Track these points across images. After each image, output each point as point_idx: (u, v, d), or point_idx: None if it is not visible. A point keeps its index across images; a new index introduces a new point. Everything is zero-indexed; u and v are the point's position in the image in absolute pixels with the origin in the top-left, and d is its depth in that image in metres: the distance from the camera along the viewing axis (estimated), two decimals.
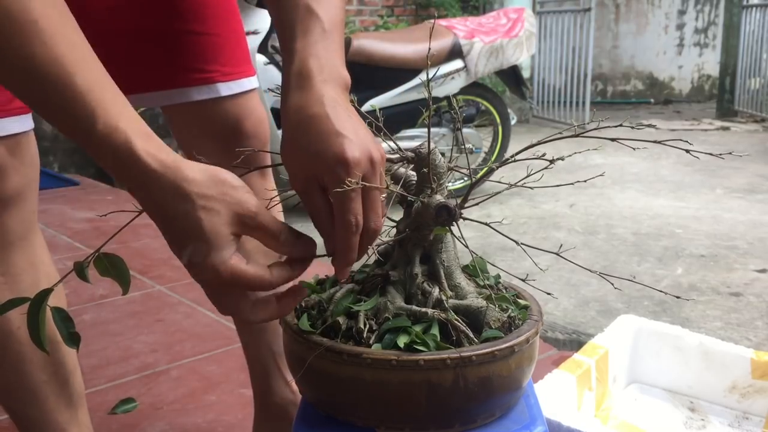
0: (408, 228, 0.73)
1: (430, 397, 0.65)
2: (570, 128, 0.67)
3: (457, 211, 0.69)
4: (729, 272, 2.32)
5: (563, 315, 1.96)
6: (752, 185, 3.64)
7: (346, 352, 0.65)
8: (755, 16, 5.82)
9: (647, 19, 7.33)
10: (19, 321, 0.85)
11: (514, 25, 3.26)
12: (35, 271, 0.88)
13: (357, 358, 0.65)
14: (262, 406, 1.15)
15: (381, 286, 0.73)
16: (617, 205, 3.28)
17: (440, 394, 0.65)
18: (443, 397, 0.65)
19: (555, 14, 5.69)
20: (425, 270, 0.74)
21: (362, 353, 0.65)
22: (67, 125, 0.56)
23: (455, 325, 0.68)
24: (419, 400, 0.65)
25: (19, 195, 0.84)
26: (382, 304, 0.70)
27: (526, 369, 0.71)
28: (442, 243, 0.74)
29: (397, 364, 0.64)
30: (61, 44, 0.54)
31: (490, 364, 0.66)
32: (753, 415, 1.31)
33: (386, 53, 3.09)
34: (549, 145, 0.67)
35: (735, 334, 1.82)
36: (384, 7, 5.83)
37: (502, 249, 2.49)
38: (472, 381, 0.65)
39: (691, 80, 7.51)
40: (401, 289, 0.72)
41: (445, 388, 0.64)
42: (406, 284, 0.73)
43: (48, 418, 0.92)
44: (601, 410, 1.32)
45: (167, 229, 0.59)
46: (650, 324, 1.42)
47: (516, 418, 0.72)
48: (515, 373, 0.69)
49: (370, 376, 0.65)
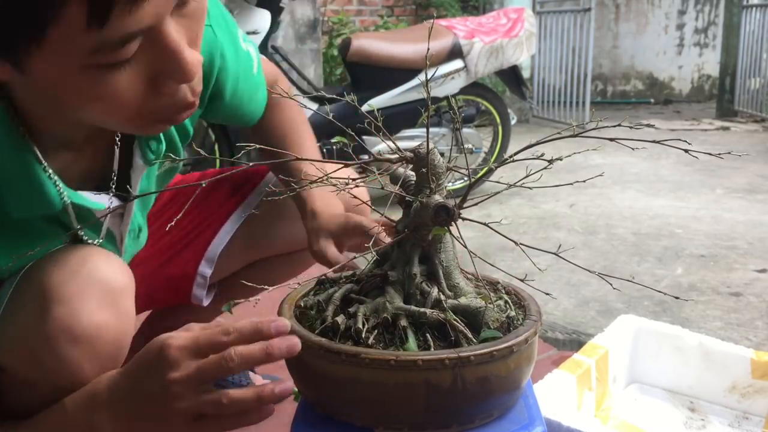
0: (407, 228, 0.73)
1: (429, 397, 0.65)
2: (569, 128, 0.67)
3: (455, 212, 0.69)
4: (729, 272, 2.32)
5: (563, 315, 1.96)
6: (752, 185, 3.64)
7: (345, 352, 0.65)
8: (755, 16, 5.82)
9: (647, 19, 7.32)
10: None
11: (514, 25, 3.26)
12: None
13: (355, 358, 0.65)
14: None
15: (379, 286, 0.73)
16: (617, 205, 3.28)
17: (439, 394, 0.65)
18: (442, 397, 0.65)
19: (555, 14, 5.69)
20: (424, 270, 0.73)
21: (361, 353, 0.65)
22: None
23: (454, 326, 0.68)
24: (418, 400, 0.65)
25: None
26: (380, 304, 0.70)
27: (525, 369, 0.71)
28: (441, 243, 0.74)
29: (396, 364, 0.64)
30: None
31: (488, 364, 0.65)
32: (753, 415, 1.30)
33: (386, 53, 3.09)
34: (549, 145, 0.67)
35: (735, 334, 1.82)
36: (384, 7, 5.83)
37: (502, 249, 2.49)
38: (471, 381, 0.65)
39: (691, 80, 7.51)
40: (400, 289, 0.72)
41: (444, 388, 0.64)
42: (405, 284, 0.72)
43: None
44: (601, 410, 1.32)
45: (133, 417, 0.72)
46: (650, 324, 1.42)
47: (515, 418, 0.72)
48: (514, 374, 0.69)
49: (369, 376, 0.65)
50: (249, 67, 1.04)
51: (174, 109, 0.70)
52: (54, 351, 0.74)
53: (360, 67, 3.12)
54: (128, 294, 0.81)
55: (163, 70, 0.65)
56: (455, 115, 3.24)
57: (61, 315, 0.74)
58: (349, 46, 3.08)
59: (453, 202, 0.69)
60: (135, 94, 0.65)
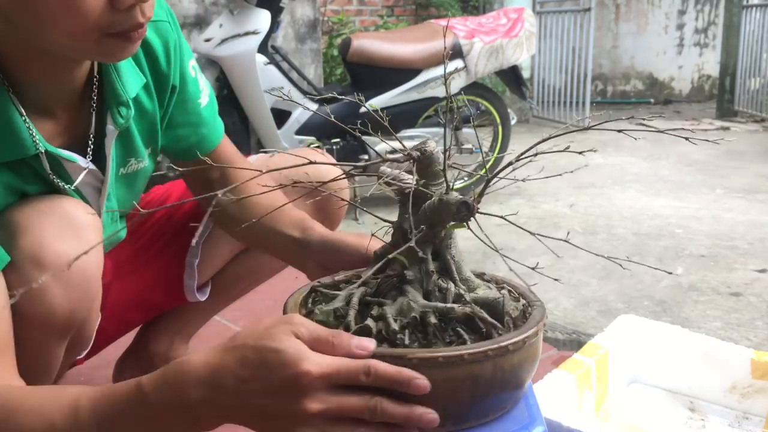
0: (422, 225, 0.73)
1: (473, 389, 0.67)
2: (566, 127, 0.68)
3: (475, 207, 0.70)
4: (729, 272, 2.32)
5: (563, 315, 1.96)
6: (752, 185, 3.64)
7: (389, 355, 0.65)
8: (755, 16, 5.82)
9: (647, 19, 7.32)
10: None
11: (514, 25, 3.26)
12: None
13: (401, 359, 0.65)
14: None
15: (396, 286, 0.74)
16: (617, 205, 3.28)
17: (481, 385, 0.67)
18: (483, 388, 0.67)
19: (555, 14, 5.69)
20: (436, 266, 0.75)
21: (407, 354, 0.66)
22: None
23: (483, 318, 0.70)
24: (464, 393, 0.67)
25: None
26: (405, 304, 0.71)
27: (535, 363, 0.73)
28: (451, 239, 0.75)
29: (444, 360, 0.65)
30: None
31: (521, 350, 0.69)
32: (753, 415, 1.30)
33: (386, 53, 3.09)
34: (549, 145, 0.67)
35: (735, 334, 1.82)
36: (384, 7, 5.83)
37: (502, 249, 2.49)
38: (507, 370, 0.68)
39: (691, 80, 7.51)
40: (419, 287, 0.73)
41: (485, 379, 0.67)
42: (423, 282, 0.73)
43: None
44: (601, 410, 1.32)
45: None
46: (650, 324, 1.42)
47: (516, 418, 0.73)
48: (535, 360, 0.73)
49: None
50: (196, 90, 1.07)
51: (126, 25, 0.76)
52: (22, 277, 0.78)
53: (360, 67, 3.11)
54: (93, 230, 0.86)
55: None
56: (456, 115, 3.24)
57: (27, 244, 0.79)
58: (349, 46, 3.08)
59: (472, 198, 0.71)
60: (93, 4, 0.72)
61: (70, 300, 0.83)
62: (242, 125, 3.02)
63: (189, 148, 1.08)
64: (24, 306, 0.80)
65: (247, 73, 2.90)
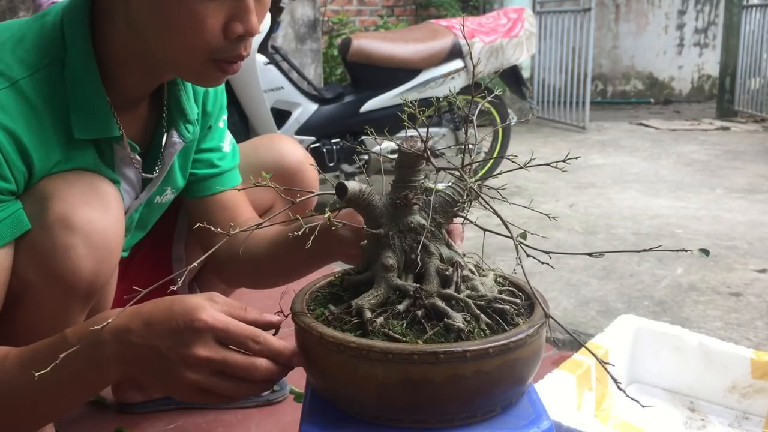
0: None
1: (477, 386, 0.67)
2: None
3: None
4: (729, 272, 2.32)
5: (563, 315, 1.96)
6: (752, 185, 3.64)
7: (395, 351, 0.66)
8: (755, 16, 5.82)
9: (647, 19, 7.32)
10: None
11: (514, 25, 3.26)
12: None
13: (404, 356, 0.65)
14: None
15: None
16: (617, 205, 3.28)
17: (486, 381, 0.67)
18: (489, 384, 0.68)
19: (555, 14, 5.69)
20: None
21: (412, 350, 0.66)
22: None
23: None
24: (466, 390, 0.67)
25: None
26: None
27: (538, 359, 0.74)
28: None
29: (445, 357, 0.64)
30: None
31: (535, 340, 0.70)
32: (753, 415, 1.30)
33: (386, 53, 3.09)
34: (549, 145, 0.67)
35: (735, 334, 1.82)
36: (384, 7, 5.83)
37: (502, 249, 2.49)
38: (511, 365, 0.69)
39: (691, 80, 7.51)
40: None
41: (489, 374, 0.67)
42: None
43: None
44: (601, 410, 1.32)
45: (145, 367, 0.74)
46: (650, 324, 1.42)
47: (521, 413, 0.73)
48: (540, 353, 0.73)
49: (442, 373, 0.65)
50: (221, 136, 1.16)
51: (231, 55, 0.85)
52: (51, 237, 0.83)
53: (360, 67, 3.11)
54: (116, 200, 0.92)
55: (237, 15, 0.82)
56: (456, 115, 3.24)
57: (58, 208, 0.85)
58: (349, 46, 3.08)
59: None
60: (212, 27, 0.81)
61: (95, 260, 0.86)
62: (242, 125, 3.02)
63: (202, 180, 1.14)
64: (50, 264, 0.84)
65: (247, 73, 2.90)
